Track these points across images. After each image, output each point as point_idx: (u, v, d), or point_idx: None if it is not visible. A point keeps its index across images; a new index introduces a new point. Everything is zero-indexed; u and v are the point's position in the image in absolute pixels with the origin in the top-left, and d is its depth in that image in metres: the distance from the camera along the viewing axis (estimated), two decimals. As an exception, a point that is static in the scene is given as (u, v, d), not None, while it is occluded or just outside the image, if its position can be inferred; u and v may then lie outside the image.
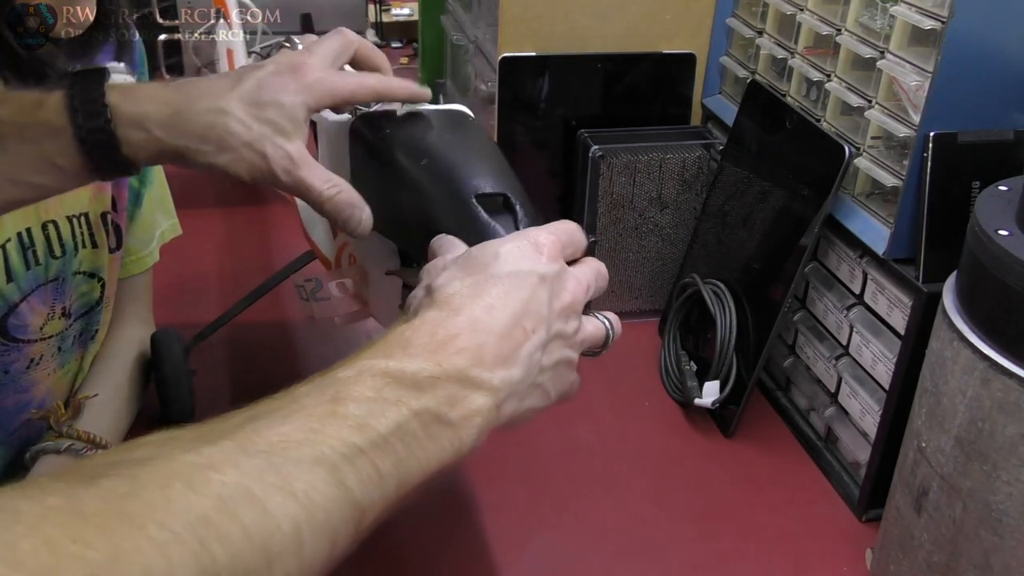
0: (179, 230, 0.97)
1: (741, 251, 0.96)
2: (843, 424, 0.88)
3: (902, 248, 0.78)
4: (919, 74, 0.75)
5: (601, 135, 1.04)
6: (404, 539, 0.80)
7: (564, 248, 0.55)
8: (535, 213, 0.61)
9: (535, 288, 0.51)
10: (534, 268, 0.52)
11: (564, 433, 0.94)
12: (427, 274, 0.54)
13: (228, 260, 1.23)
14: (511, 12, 1.04)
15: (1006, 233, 0.58)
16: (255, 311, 0.95)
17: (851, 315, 0.85)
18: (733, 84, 1.09)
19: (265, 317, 1.08)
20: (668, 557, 0.80)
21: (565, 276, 0.54)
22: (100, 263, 0.80)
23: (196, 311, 1.03)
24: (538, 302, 0.51)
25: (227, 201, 1.36)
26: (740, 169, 0.98)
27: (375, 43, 2.03)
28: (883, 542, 0.74)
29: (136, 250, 0.89)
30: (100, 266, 0.80)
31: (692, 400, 0.92)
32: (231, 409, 0.43)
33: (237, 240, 1.28)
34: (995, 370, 0.58)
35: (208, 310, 1.03)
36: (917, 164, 0.75)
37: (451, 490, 0.87)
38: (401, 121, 0.67)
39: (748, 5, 1.05)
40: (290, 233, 1.18)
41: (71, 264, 0.76)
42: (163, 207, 0.94)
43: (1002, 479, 0.59)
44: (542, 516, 0.84)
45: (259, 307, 0.97)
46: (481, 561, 0.78)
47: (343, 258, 0.80)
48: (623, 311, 1.09)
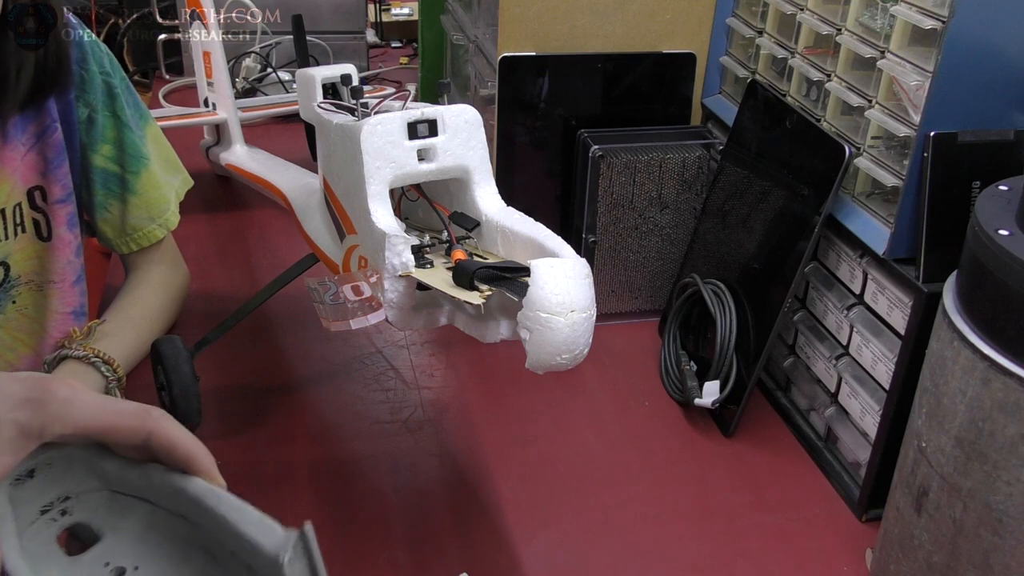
0: (191, 182, 0.99)
1: (741, 251, 0.96)
2: (843, 424, 0.88)
3: (902, 248, 0.78)
4: (919, 74, 0.75)
5: (601, 135, 1.04)
6: (404, 539, 0.81)
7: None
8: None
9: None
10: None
11: (564, 433, 0.95)
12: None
13: (225, 265, 1.22)
14: (511, 12, 1.04)
15: (1006, 233, 0.58)
16: (256, 311, 0.95)
17: (851, 315, 0.85)
18: (733, 84, 1.09)
19: (266, 317, 1.08)
20: (668, 557, 0.80)
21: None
22: (7, 251, 0.83)
23: (195, 316, 1.03)
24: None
25: (218, 207, 1.36)
26: (740, 169, 0.98)
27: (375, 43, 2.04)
28: (883, 542, 0.74)
29: (140, 226, 0.92)
30: (8, 253, 0.83)
31: (692, 400, 0.92)
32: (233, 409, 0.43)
33: (233, 245, 1.28)
34: (995, 370, 0.58)
35: (208, 314, 1.03)
36: (917, 164, 0.75)
37: (451, 489, 0.87)
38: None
39: (748, 5, 1.05)
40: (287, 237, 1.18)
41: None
42: (169, 167, 0.96)
43: (1002, 479, 0.59)
44: (542, 516, 0.84)
45: (259, 307, 0.97)
46: (481, 561, 0.78)
47: (352, 261, 0.80)
48: (623, 311, 1.10)
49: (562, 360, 0.66)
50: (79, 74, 0.85)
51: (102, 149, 0.87)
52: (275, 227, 1.28)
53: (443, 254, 0.76)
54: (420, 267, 0.72)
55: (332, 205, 0.85)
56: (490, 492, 0.86)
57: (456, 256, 0.74)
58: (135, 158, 0.90)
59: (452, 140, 0.76)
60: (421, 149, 0.76)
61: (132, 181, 0.90)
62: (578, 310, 0.65)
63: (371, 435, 0.93)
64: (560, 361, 0.66)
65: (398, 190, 0.82)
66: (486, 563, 0.78)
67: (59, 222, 0.86)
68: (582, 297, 0.65)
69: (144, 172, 0.91)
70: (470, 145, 0.77)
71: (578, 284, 0.65)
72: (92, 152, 0.87)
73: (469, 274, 0.69)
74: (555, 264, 0.65)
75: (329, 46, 1.72)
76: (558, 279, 0.64)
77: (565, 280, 0.65)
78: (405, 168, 0.76)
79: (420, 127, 0.76)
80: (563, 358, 0.66)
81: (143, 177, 0.91)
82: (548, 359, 0.66)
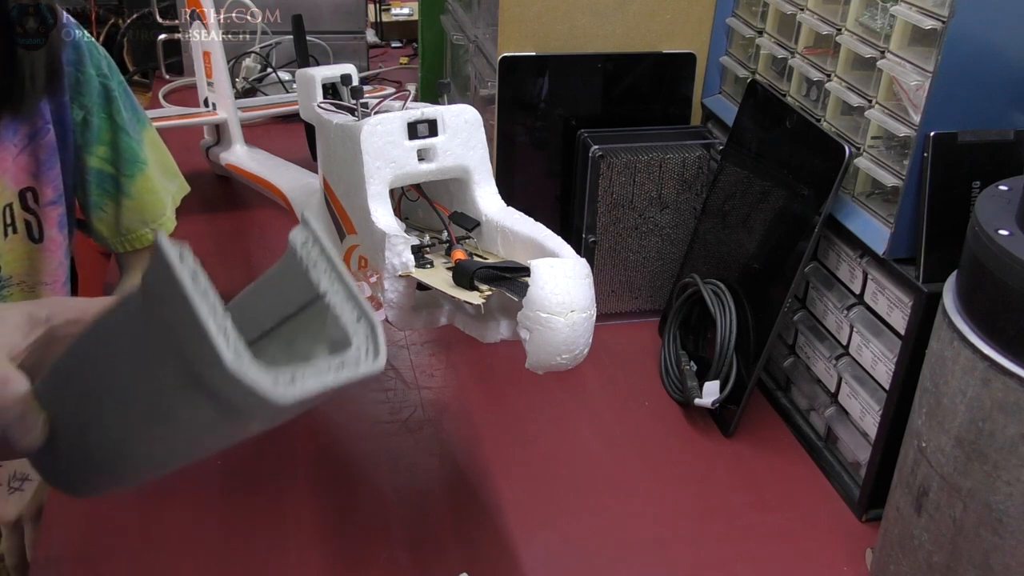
0: (187, 187, 1.00)
1: (741, 251, 0.96)
2: (843, 424, 0.88)
3: (902, 248, 0.78)
4: (919, 74, 0.75)
5: (601, 135, 1.04)
6: (404, 539, 0.81)
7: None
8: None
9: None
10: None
11: (564, 433, 0.94)
12: None
13: (225, 265, 1.22)
14: (511, 12, 1.04)
15: (1006, 233, 0.58)
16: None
17: (851, 315, 0.85)
18: (733, 84, 1.09)
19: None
20: (668, 557, 0.80)
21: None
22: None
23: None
24: None
25: (218, 207, 1.35)
26: (740, 169, 0.98)
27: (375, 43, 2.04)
28: (883, 542, 0.74)
29: (134, 228, 0.92)
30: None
31: (692, 400, 0.92)
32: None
33: (233, 245, 1.28)
34: (995, 370, 0.58)
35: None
36: (917, 164, 0.75)
37: (451, 489, 0.87)
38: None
39: (748, 5, 1.05)
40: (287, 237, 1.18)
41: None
42: (166, 173, 0.96)
43: (1002, 479, 0.59)
44: (542, 516, 0.84)
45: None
46: (481, 561, 0.78)
47: (352, 261, 0.80)
48: (623, 311, 1.10)
49: (562, 360, 0.66)
50: (75, 76, 0.85)
51: (97, 151, 0.87)
52: (275, 227, 1.28)
53: (443, 254, 0.76)
54: (420, 267, 0.72)
55: (332, 205, 0.85)
56: (490, 492, 0.86)
57: (456, 256, 0.74)
58: (130, 161, 0.90)
59: (452, 140, 0.77)
60: (421, 149, 0.76)
61: (127, 184, 0.90)
62: (578, 310, 0.65)
63: (371, 435, 0.93)
64: (560, 361, 0.66)
65: (398, 190, 0.82)
66: (486, 563, 0.78)
67: (50, 223, 0.86)
68: (582, 297, 0.65)
69: (140, 176, 0.91)
70: (470, 145, 0.77)
71: (578, 284, 0.65)
72: (87, 153, 0.87)
73: (469, 274, 0.70)
74: (555, 264, 0.66)
75: (329, 46, 1.72)
76: (558, 279, 0.65)
77: (565, 280, 0.65)
78: (405, 168, 0.76)
79: (420, 127, 0.76)
80: (563, 358, 0.66)
81: (139, 181, 0.91)
82: (548, 359, 0.66)
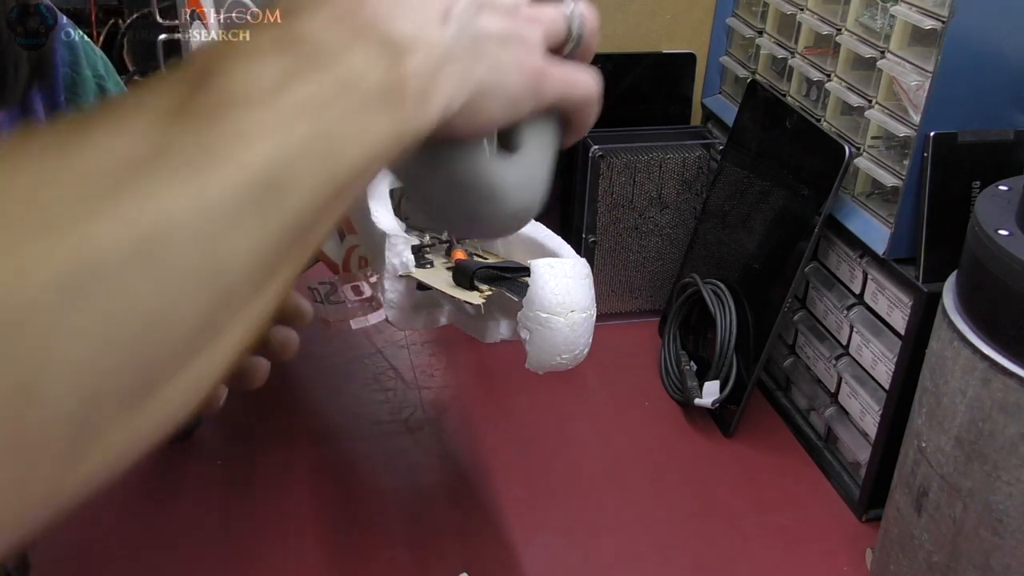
0: None
1: (741, 251, 0.96)
2: (843, 424, 0.88)
3: (902, 248, 0.78)
4: (919, 74, 0.75)
5: (601, 135, 1.04)
6: (404, 539, 0.80)
7: None
8: None
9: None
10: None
11: (564, 433, 0.95)
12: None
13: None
14: (511, 12, 1.04)
15: (1006, 233, 0.58)
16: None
17: (851, 315, 0.85)
18: (733, 84, 1.09)
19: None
20: (668, 557, 0.80)
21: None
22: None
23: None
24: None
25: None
26: (740, 169, 0.98)
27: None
28: (883, 542, 0.74)
29: None
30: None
31: (692, 400, 0.92)
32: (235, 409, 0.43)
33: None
34: (995, 370, 0.58)
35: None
36: (917, 164, 0.75)
37: (451, 489, 0.87)
38: None
39: (748, 5, 1.05)
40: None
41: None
42: None
43: (1002, 479, 0.59)
44: (542, 516, 0.84)
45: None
46: (481, 561, 0.78)
47: (352, 261, 0.81)
48: (623, 311, 1.09)
49: (562, 360, 0.66)
50: (71, 76, 0.84)
51: None
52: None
53: (443, 254, 0.76)
54: (420, 267, 0.72)
55: (332, 205, 0.85)
56: (490, 492, 0.86)
57: (456, 256, 0.74)
58: None
59: None
60: None
61: None
62: (578, 310, 0.65)
63: (371, 435, 0.93)
64: (560, 361, 0.66)
65: (398, 190, 0.82)
66: (486, 563, 0.78)
67: None
68: (582, 297, 0.65)
69: None
70: None
71: (578, 284, 0.65)
72: None
73: (469, 274, 0.70)
74: (555, 264, 0.66)
75: (329, 46, 1.72)
76: (558, 279, 0.65)
77: (565, 280, 0.65)
78: None
79: None
80: (563, 358, 0.66)
81: None
82: (548, 359, 0.66)
